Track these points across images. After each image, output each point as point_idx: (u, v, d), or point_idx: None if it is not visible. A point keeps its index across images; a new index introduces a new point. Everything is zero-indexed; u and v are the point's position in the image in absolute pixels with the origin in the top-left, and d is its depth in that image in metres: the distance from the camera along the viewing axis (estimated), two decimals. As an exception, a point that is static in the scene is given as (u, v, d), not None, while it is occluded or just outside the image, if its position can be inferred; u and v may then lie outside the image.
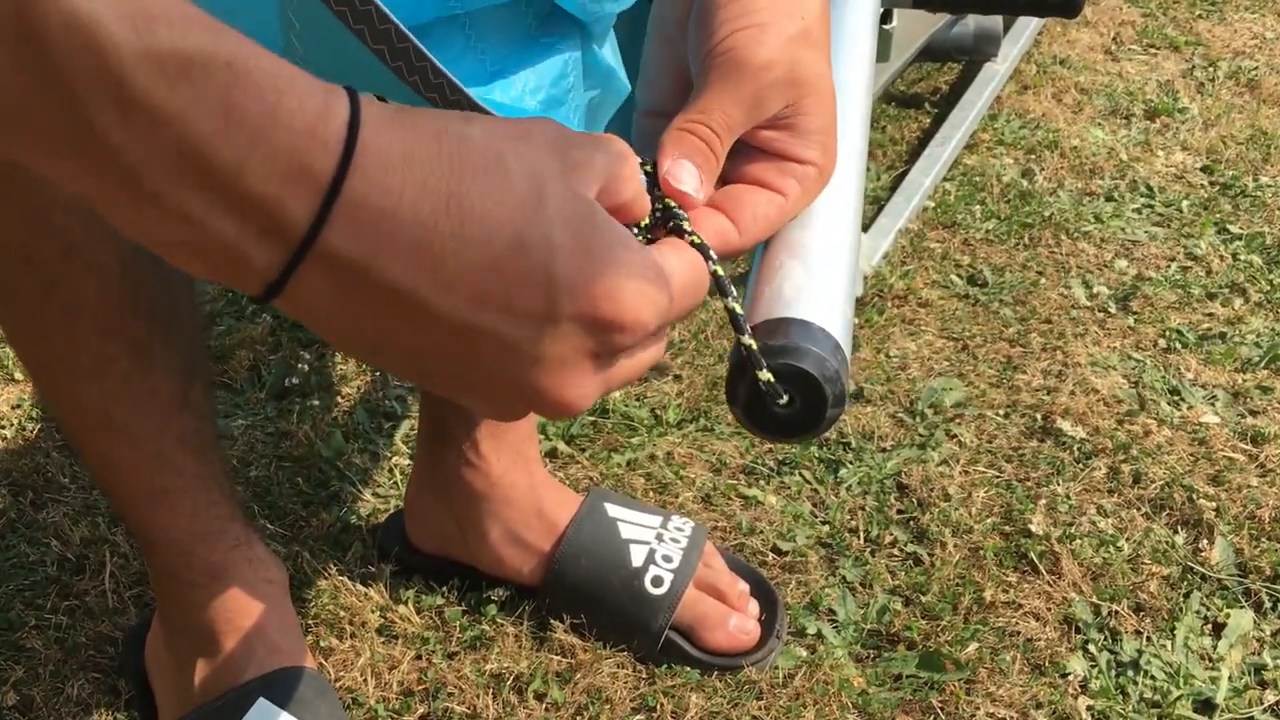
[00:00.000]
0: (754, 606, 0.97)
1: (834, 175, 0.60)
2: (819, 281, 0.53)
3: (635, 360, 0.44)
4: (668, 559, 0.95)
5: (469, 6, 0.61)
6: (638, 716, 0.90)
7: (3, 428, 1.16)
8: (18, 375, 1.23)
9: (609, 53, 0.71)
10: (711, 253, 0.48)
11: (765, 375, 0.48)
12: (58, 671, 0.92)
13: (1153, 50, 2.06)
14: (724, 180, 0.52)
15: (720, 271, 0.48)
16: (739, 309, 0.49)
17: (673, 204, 0.48)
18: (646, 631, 0.93)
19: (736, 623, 0.95)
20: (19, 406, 1.18)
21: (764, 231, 0.51)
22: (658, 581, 0.94)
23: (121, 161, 0.33)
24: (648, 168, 0.49)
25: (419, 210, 0.36)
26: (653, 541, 0.96)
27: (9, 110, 0.32)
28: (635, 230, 0.46)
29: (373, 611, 0.97)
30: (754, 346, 0.48)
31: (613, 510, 0.98)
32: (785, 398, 0.49)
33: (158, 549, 0.80)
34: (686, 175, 0.48)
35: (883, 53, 1.31)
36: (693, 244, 0.47)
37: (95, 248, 0.67)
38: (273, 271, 0.36)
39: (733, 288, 0.48)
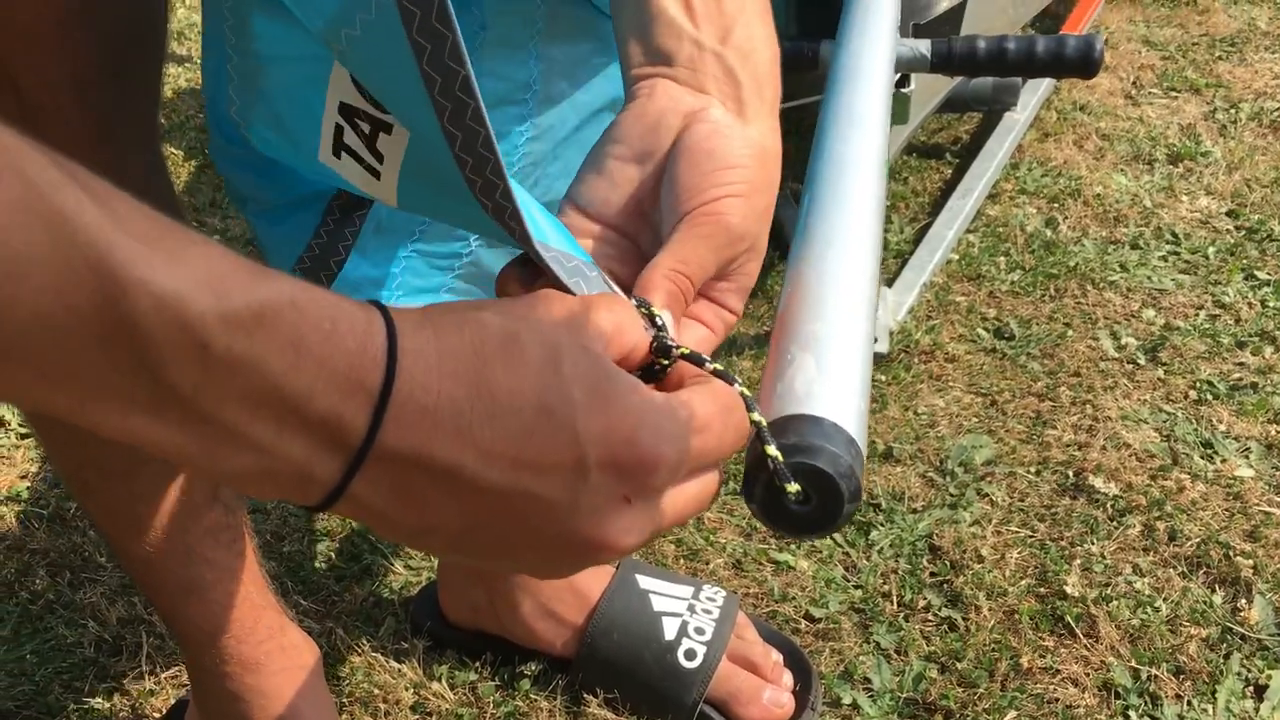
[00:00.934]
0: (788, 678, 0.97)
1: (846, 259, 0.61)
2: (831, 375, 0.53)
3: (683, 495, 0.46)
4: (700, 631, 0.95)
5: None
6: (673, 793, 0.89)
7: (41, 507, 1.18)
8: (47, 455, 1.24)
9: None
10: (735, 378, 0.49)
11: (792, 489, 0.48)
12: (96, 756, 0.93)
13: (1173, 93, 2.06)
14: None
15: (746, 391, 0.49)
16: (764, 422, 0.49)
17: (666, 338, 0.50)
18: (680, 706, 0.93)
19: (771, 696, 0.94)
20: (57, 487, 1.20)
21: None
22: (691, 655, 0.94)
23: (197, 409, 0.37)
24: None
25: (455, 398, 0.40)
26: (685, 614, 0.96)
27: (87, 382, 0.35)
28: (639, 373, 0.48)
29: (406, 689, 0.97)
30: (780, 459, 0.48)
31: (644, 582, 0.98)
32: (804, 497, 0.49)
33: (191, 642, 0.81)
34: (669, 324, 0.52)
35: (900, 115, 1.32)
36: (714, 373, 0.48)
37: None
38: (335, 479, 0.40)
39: (755, 404, 0.49)
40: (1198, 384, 1.31)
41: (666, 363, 0.49)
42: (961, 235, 1.62)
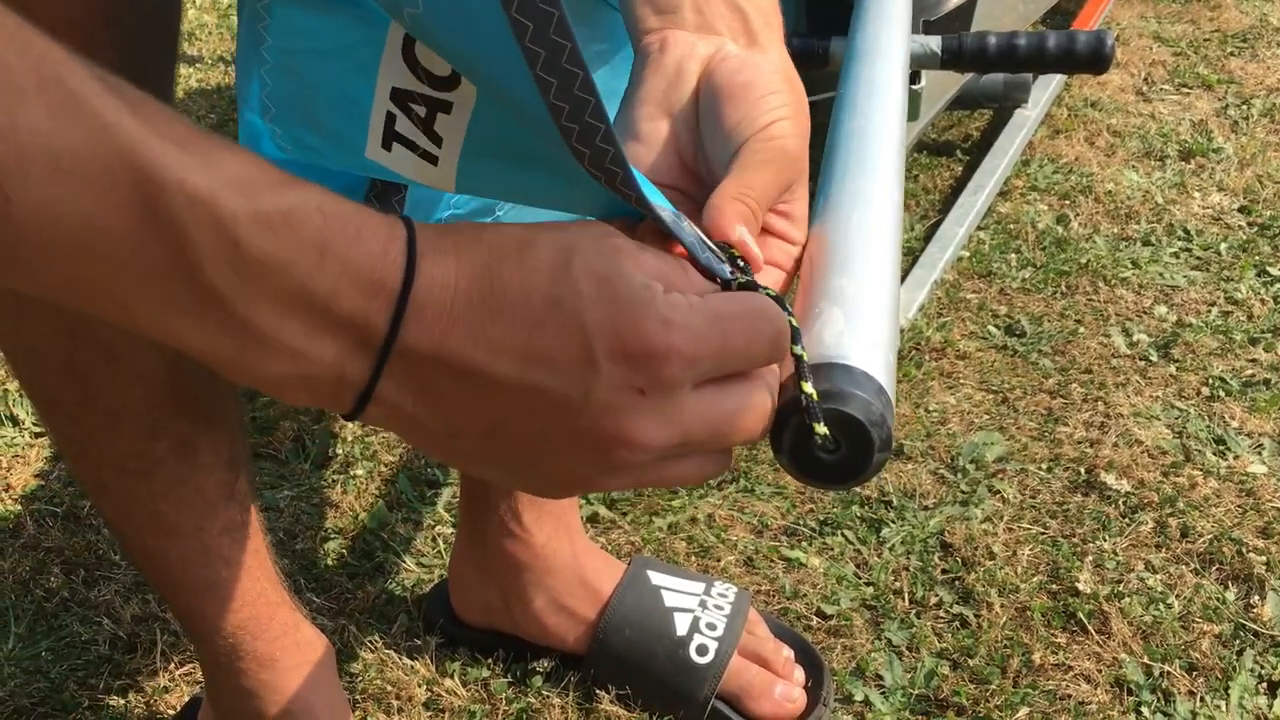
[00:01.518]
0: (799, 673, 0.97)
1: (870, 220, 0.61)
2: (859, 325, 0.53)
3: (711, 400, 0.45)
4: (712, 627, 0.95)
5: None
6: (686, 789, 0.89)
7: (55, 505, 1.18)
8: (61, 454, 1.25)
9: None
10: (786, 303, 0.49)
11: (821, 429, 0.48)
12: (111, 752, 0.93)
13: (1185, 90, 2.05)
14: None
15: (794, 322, 0.49)
16: (805, 355, 0.49)
17: (739, 260, 0.50)
18: (692, 701, 0.93)
19: (782, 691, 0.94)
20: (71, 485, 1.21)
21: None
22: (702, 650, 0.94)
23: (232, 310, 0.38)
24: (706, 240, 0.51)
25: (470, 296, 0.42)
26: (696, 609, 0.96)
27: (130, 284, 0.38)
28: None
29: (419, 685, 0.97)
30: (814, 397, 0.48)
31: (656, 578, 0.98)
32: (835, 445, 0.49)
33: (206, 640, 0.81)
34: (749, 239, 0.52)
35: (911, 112, 1.32)
36: (767, 295, 0.48)
37: (137, 355, 0.68)
38: (363, 379, 0.42)
39: (801, 337, 0.49)
40: (1210, 380, 1.31)
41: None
42: (972, 232, 1.62)
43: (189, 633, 0.84)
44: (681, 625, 0.95)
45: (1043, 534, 1.12)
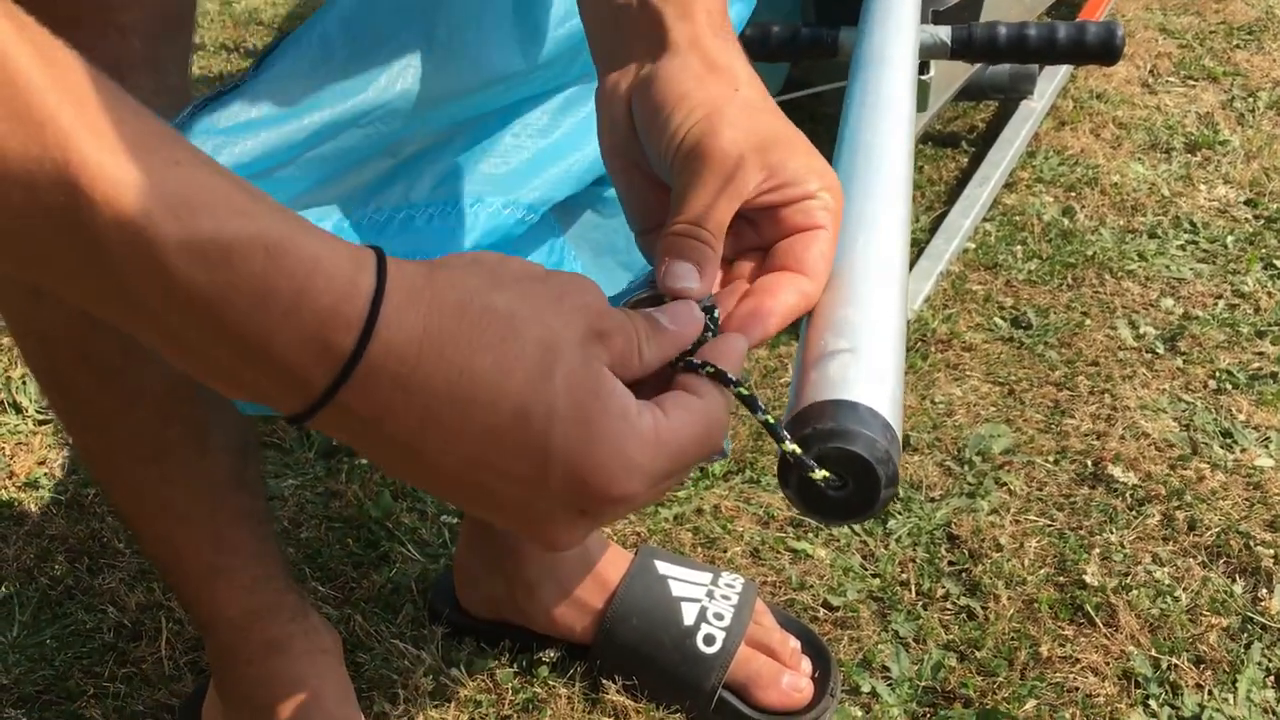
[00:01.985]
0: (806, 664, 0.97)
1: (877, 246, 0.60)
2: (865, 359, 0.53)
3: (634, 505, 0.46)
4: (719, 617, 0.95)
5: None
6: (693, 780, 0.89)
7: (59, 493, 1.18)
8: (72, 440, 1.24)
9: None
10: (731, 376, 0.48)
11: (819, 475, 0.48)
12: (117, 741, 0.93)
13: (1191, 82, 2.04)
14: (756, 250, 0.54)
15: (745, 391, 0.49)
16: (771, 419, 0.49)
17: (714, 312, 0.49)
18: (699, 691, 0.93)
19: (789, 680, 0.94)
20: (74, 472, 1.20)
21: (811, 285, 0.53)
22: (710, 640, 0.94)
23: (163, 324, 0.37)
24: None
25: (432, 380, 0.39)
26: (704, 599, 0.96)
27: (68, 275, 0.36)
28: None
29: (425, 675, 0.97)
30: (798, 452, 0.48)
31: (663, 568, 0.98)
32: (841, 483, 0.49)
33: (214, 626, 0.81)
34: (682, 272, 0.50)
35: (920, 102, 1.31)
36: (707, 374, 0.48)
37: None
38: (297, 412, 0.40)
39: (761, 404, 0.49)
40: (1217, 373, 1.31)
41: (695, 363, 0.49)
42: (978, 224, 1.61)
43: (196, 620, 0.83)
44: (689, 615, 0.95)
45: (1050, 526, 1.11)
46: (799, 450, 0.48)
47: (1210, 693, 0.95)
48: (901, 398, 0.52)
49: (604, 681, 0.95)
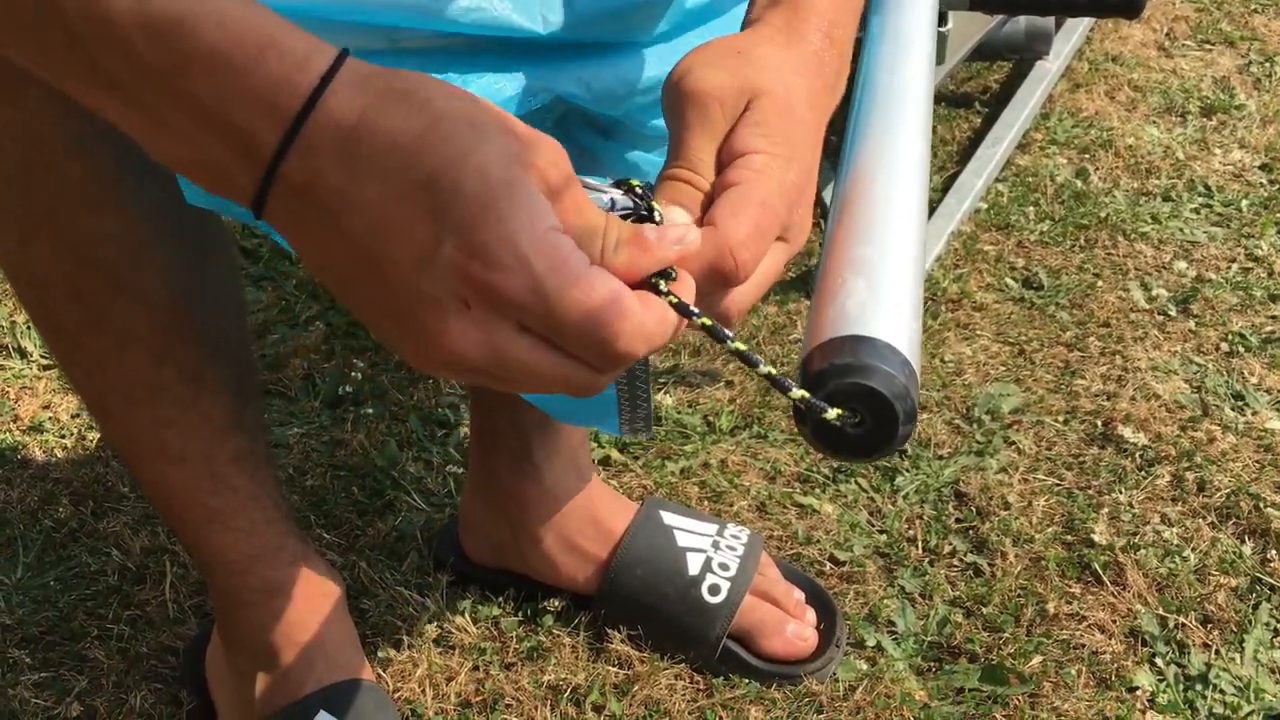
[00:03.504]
0: (811, 615, 0.96)
1: (895, 184, 0.59)
2: (883, 296, 0.52)
3: (539, 352, 0.44)
4: (725, 567, 0.94)
5: None
6: (697, 729, 0.89)
7: (63, 437, 1.17)
8: (71, 386, 1.24)
9: None
10: (695, 310, 0.47)
11: (832, 415, 0.47)
12: (120, 682, 0.93)
13: (1207, 46, 2.02)
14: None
15: (707, 323, 0.48)
16: (772, 370, 0.49)
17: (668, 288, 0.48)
18: (704, 641, 0.93)
19: (794, 629, 0.94)
20: (78, 416, 1.20)
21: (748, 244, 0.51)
22: (715, 590, 0.93)
23: (129, 93, 0.41)
24: (638, 188, 0.50)
25: (358, 145, 0.42)
26: (709, 550, 0.95)
27: (49, 56, 0.41)
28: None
29: (429, 622, 0.97)
30: (806, 397, 0.47)
31: (669, 518, 0.98)
32: (857, 418, 0.48)
33: (215, 569, 0.80)
34: (674, 215, 0.50)
35: (936, 55, 1.29)
36: (671, 304, 0.47)
37: (142, 279, 0.67)
38: (252, 189, 0.43)
39: (761, 360, 0.48)
40: (1229, 336, 1.30)
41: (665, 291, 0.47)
42: (990, 184, 1.60)
43: (199, 564, 0.83)
44: (694, 565, 0.94)
45: (1058, 485, 1.11)
46: (806, 395, 0.48)
47: (1217, 652, 0.94)
48: (920, 335, 0.51)
49: (608, 631, 0.95)
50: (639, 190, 0.49)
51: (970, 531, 1.06)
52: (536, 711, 0.90)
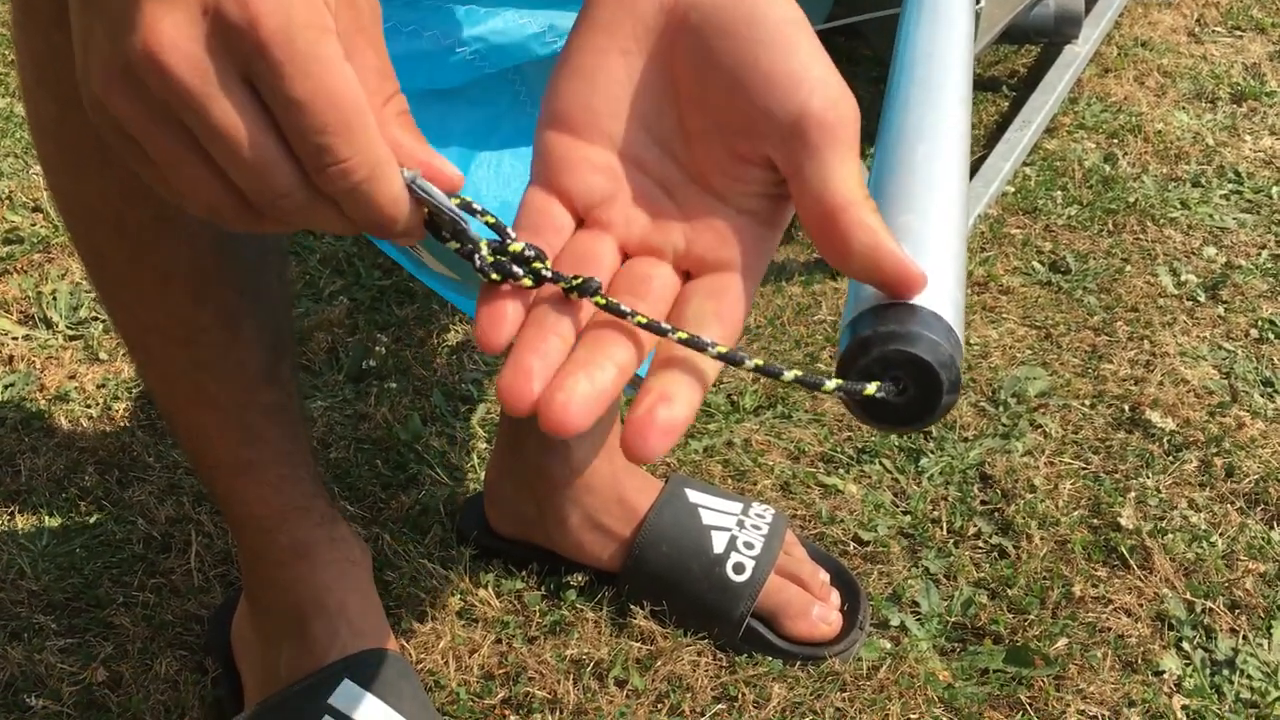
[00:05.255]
0: (836, 596, 0.96)
1: (937, 153, 0.59)
2: (926, 264, 0.51)
3: (244, 106, 0.38)
4: (749, 546, 0.94)
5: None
6: (719, 706, 0.89)
7: (89, 407, 1.18)
8: (102, 355, 1.24)
9: None
10: (667, 327, 0.43)
11: (871, 389, 0.46)
12: (146, 649, 0.93)
13: (1238, 32, 2.00)
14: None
15: (643, 321, 0.43)
16: (798, 373, 0.46)
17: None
18: (728, 619, 0.92)
19: (819, 611, 0.93)
20: (104, 386, 1.20)
21: None
22: (739, 569, 0.93)
23: None
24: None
25: None
26: (734, 528, 0.95)
27: None
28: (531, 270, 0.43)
29: (453, 595, 0.97)
30: (842, 383, 0.46)
31: (694, 496, 0.97)
32: (900, 389, 0.48)
33: (244, 525, 0.80)
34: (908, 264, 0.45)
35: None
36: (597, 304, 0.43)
37: (186, 218, 0.67)
38: None
39: (783, 368, 0.46)
40: (1259, 322, 1.29)
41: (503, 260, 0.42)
42: (1018, 168, 1.58)
43: (228, 519, 0.83)
44: (719, 543, 0.94)
45: (1085, 469, 1.10)
46: (840, 382, 0.47)
47: (1245, 637, 0.94)
48: (963, 303, 0.50)
49: (631, 607, 0.95)
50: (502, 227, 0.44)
51: (995, 513, 1.06)
52: (559, 685, 0.90)
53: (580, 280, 0.43)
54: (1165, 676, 0.91)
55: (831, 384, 0.47)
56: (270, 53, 0.37)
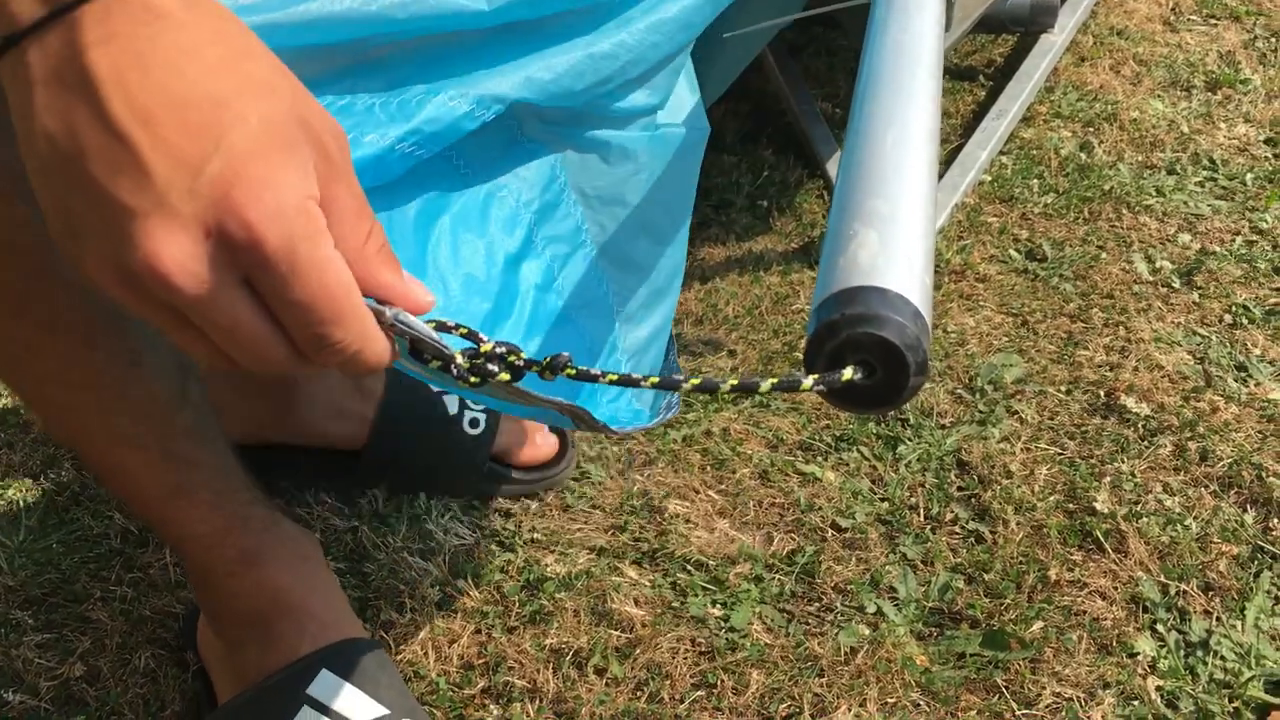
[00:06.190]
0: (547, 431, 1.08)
1: (906, 139, 0.59)
2: (894, 247, 0.52)
3: (246, 304, 0.43)
4: (477, 402, 1.04)
5: (435, 148, 0.62)
6: (698, 693, 0.89)
7: (64, 402, 1.17)
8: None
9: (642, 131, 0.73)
10: (642, 379, 0.50)
11: (846, 376, 0.47)
12: (124, 644, 0.93)
13: (1213, 20, 2.01)
14: None
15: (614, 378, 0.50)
16: (774, 379, 0.49)
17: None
18: (475, 469, 1.03)
19: (540, 438, 1.06)
20: (80, 381, 1.19)
21: None
22: (475, 423, 1.04)
23: None
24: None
25: (162, 33, 0.41)
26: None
27: None
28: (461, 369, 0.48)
29: (432, 586, 0.97)
30: (819, 377, 0.48)
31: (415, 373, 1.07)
32: (869, 371, 0.48)
33: (188, 546, 0.79)
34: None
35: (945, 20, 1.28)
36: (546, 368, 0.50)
37: (64, 266, 0.65)
38: (23, 19, 0.40)
39: (758, 379, 0.49)
40: (1233, 308, 1.30)
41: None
42: (994, 157, 1.59)
43: (171, 544, 0.82)
44: (452, 406, 1.04)
45: (1060, 454, 1.11)
46: (817, 376, 0.48)
47: (1218, 619, 0.94)
48: (931, 287, 0.51)
49: (612, 594, 0.95)
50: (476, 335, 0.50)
51: (972, 499, 1.06)
52: (539, 674, 0.90)
53: (549, 360, 0.49)
54: (1140, 658, 0.91)
55: (808, 380, 0.47)
56: (275, 267, 0.42)
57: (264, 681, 0.82)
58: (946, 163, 1.57)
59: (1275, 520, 1.03)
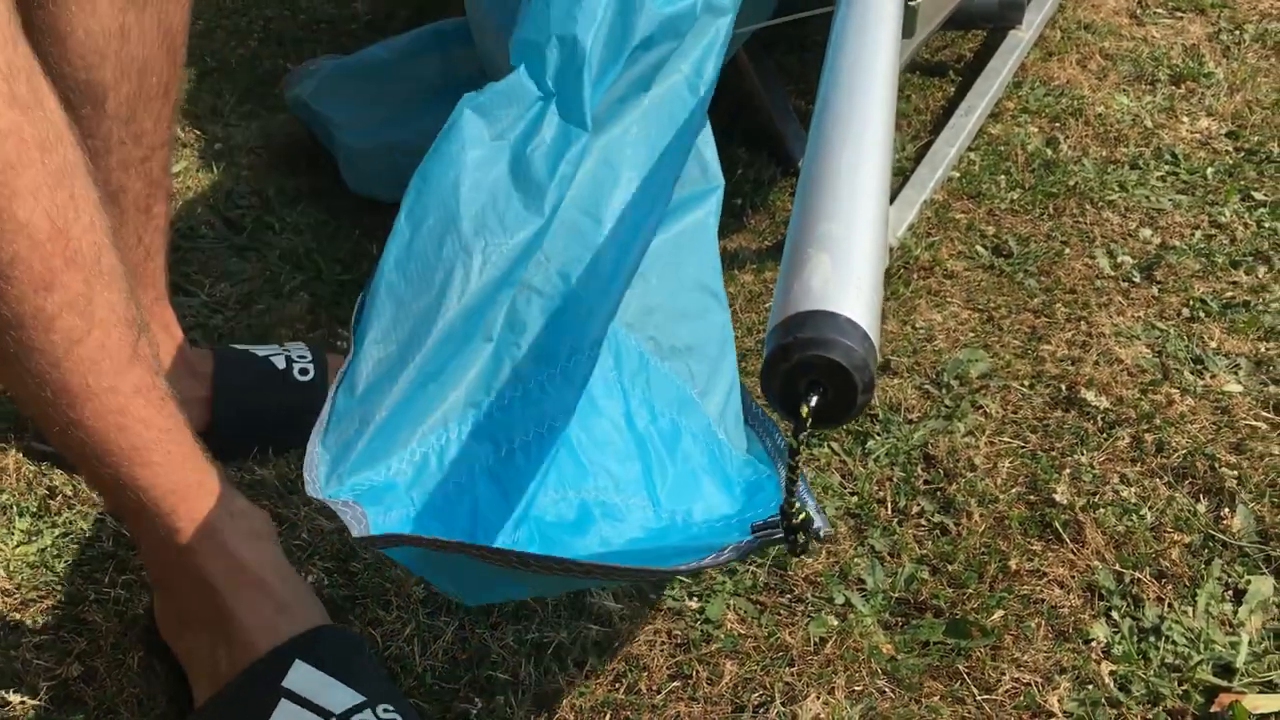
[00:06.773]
0: None
1: (859, 162, 0.63)
2: (845, 272, 0.55)
3: None
4: (302, 356, 1.17)
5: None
6: (674, 684, 0.93)
7: (54, 407, 1.20)
8: None
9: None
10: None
11: (806, 411, 0.52)
12: (118, 644, 0.96)
13: (1179, 14, 2.05)
14: None
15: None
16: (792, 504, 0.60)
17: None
18: (315, 413, 1.05)
19: None
20: (69, 386, 1.22)
21: None
22: (305, 372, 1.16)
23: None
24: None
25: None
26: (282, 351, 1.18)
27: None
28: None
29: (417, 583, 1.00)
30: (793, 434, 0.53)
31: (239, 350, 1.18)
32: (820, 390, 0.52)
33: (139, 514, 0.80)
34: None
35: (907, 28, 1.32)
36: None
37: (15, 206, 0.67)
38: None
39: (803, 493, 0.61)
40: (1191, 302, 1.34)
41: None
42: (963, 153, 1.63)
43: (123, 514, 0.83)
44: (279, 363, 1.16)
45: (1023, 448, 1.15)
46: (791, 440, 0.55)
47: (1170, 605, 0.99)
48: (880, 309, 0.54)
49: (591, 592, 0.99)
50: None
51: (938, 493, 1.10)
52: (520, 667, 0.94)
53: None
54: (1094, 644, 0.96)
55: (788, 440, 0.54)
56: None
57: (239, 678, 0.84)
58: (916, 159, 1.61)
59: (1226, 510, 1.07)
